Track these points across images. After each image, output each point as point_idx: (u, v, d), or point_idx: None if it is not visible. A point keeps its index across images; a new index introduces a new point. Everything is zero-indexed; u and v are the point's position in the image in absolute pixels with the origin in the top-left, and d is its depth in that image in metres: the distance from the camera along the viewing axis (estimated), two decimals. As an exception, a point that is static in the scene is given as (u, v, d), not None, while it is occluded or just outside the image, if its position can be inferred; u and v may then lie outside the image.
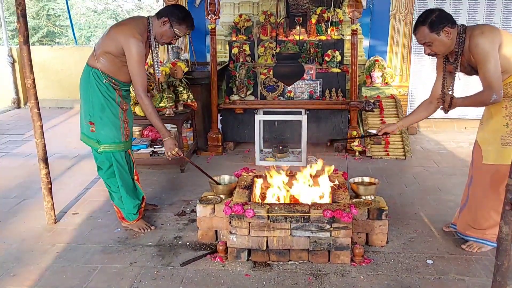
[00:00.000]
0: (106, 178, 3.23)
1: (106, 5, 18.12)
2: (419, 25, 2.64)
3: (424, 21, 2.61)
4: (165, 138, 3.12)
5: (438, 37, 2.60)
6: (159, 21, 3.03)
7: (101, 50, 3.00)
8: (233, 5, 6.07)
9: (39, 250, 2.98)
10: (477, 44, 2.54)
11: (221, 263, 2.81)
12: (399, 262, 2.82)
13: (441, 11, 2.64)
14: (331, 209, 2.72)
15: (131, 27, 2.97)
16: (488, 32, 2.57)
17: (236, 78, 5.15)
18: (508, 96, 2.66)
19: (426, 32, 2.61)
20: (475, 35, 2.56)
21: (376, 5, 5.94)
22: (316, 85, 5.15)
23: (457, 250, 2.94)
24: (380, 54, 6.01)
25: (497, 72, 2.53)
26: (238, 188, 3.13)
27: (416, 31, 2.66)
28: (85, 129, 3.15)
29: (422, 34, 2.64)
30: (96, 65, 3.02)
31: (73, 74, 7.74)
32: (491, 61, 2.52)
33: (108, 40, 2.98)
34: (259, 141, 4.77)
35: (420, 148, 5.24)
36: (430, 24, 2.59)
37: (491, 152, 2.74)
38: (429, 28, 2.60)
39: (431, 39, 2.62)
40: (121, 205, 3.24)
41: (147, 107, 3.04)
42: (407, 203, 3.73)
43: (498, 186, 2.74)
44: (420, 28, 2.63)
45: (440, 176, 4.34)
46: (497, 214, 2.75)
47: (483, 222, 2.86)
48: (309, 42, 5.41)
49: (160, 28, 3.04)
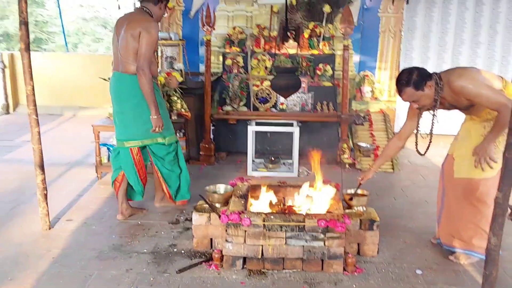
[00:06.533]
0: (171, 167, 3.68)
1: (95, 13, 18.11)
2: (403, 87, 2.75)
3: (408, 82, 2.72)
4: (155, 115, 3.36)
5: (424, 92, 2.74)
6: (157, 6, 3.43)
7: (132, 54, 3.31)
8: (227, 18, 6.19)
9: (35, 255, 2.99)
10: (462, 86, 2.68)
11: (217, 270, 2.85)
12: (389, 272, 2.90)
13: (418, 69, 2.78)
14: (325, 219, 2.79)
15: (144, 17, 3.35)
16: (464, 71, 2.80)
17: (230, 89, 5.24)
18: (488, 120, 2.82)
19: (412, 92, 2.74)
20: (454, 80, 2.71)
21: (367, 22, 6.12)
22: (308, 98, 5.26)
23: (445, 261, 3.04)
24: (370, 70, 6.19)
25: (493, 91, 2.65)
26: (234, 197, 3.19)
27: (402, 93, 2.77)
28: (142, 132, 3.48)
29: (408, 95, 2.76)
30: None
31: (64, 80, 7.76)
32: (482, 87, 2.65)
33: (132, 41, 3.28)
34: (252, 151, 4.84)
35: (407, 162, 5.38)
36: (414, 84, 2.71)
37: (464, 167, 2.89)
38: (414, 88, 2.72)
39: (418, 96, 2.75)
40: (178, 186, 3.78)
41: (148, 81, 3.26)
42: (396, 215, 3.83)
43: (470, 198, 2.89)
44: (405, 90, 2.75)
45: (427, 190, 4.45)
46: (474, 224, 2.92)
47: (463, 233, 2.99)
48: (302, 56, 5.53)
49: (160, 11, 3.48)
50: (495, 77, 2.83)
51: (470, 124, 2.96)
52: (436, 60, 6.20)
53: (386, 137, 5.43)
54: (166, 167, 3.69)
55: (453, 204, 3.01)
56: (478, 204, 2.89)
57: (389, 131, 5.51)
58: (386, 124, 5.60)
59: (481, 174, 2.80)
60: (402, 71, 2.81)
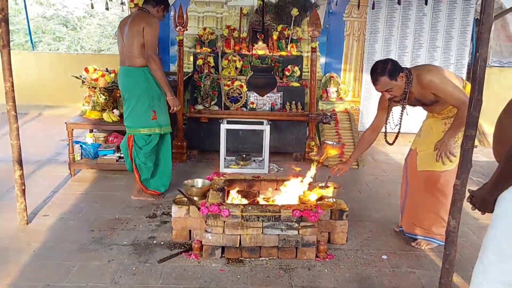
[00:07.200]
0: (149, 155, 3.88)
1: (55, 11, 17.69)
2: (379, 76, 2.95)
3: (383, 71, 2.93)
4: (171, 96, 3.82)
5: (397, 82, 2.96)
6: (155, 9, 3.80)
7: (137, 47, 3.65)
8: (197, 19, 6.30)
9: (15, 249, 3.04)
10: (430, 80, 2.94)
11: (196, 260, 2.99)
12: (358, 257, 3.13)
13: (392, 60, 3.01)
14: (299, 209, 2.99)
15: (146, 14, 3.74)
16: (433, 67, 3.08)
17: (201, 89, 5.36)
18: (448, 118, 3.10)
19: (387, 81, 2.95)
20: (424, 74, 2.96)
21: (332, 26, 6.39)
22: (277, 98, 5.46)
23: (407, 247, 3.31)
24: (335, 71, 6.45)
25: (456, 88, 2.92)
26: (212, 191, 3.33)
27: (377, 82, 2.97)
28: (143, 122, 3.78)
29: (383, 83, 2.96)
30: (142, 63, 3.70)
31: (30, 79, 7.63)
32: (448, 84, 2.93)
33: (138, 36, 3.62)
34: (224, 149, 4.98)
35: (371, 159, 5.66)
36: (389, 73, 2.93)
37: (426, 160, 3.16)
38: (388, 77, 2.93)
39: (392, 85, 2.97)
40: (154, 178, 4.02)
41: (158, 66, 3.68)
42: (362, 207, 4.08)
43: (432, 189, 3.18)
44: (380, 79, 2.95)
45: (390, 184, 4.74)
46: (434, 214, 3.20)
47: (424, 221, 3.27)
48: (271, 57, 5.72)
49: (158, 14, 3.82)
50: (457, 77, 3.12)
51: (431, 121, 3.23)
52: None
53: (351, 135, 5.71)
54: (140, 158, 3.89)
55: (415, 195, 3.27)
56: (438, 194, 3.16)
57: (354, 129, 5.79)
58: (351, 123, 5.88)
59: (441, 167, 3.07)
60: (377, 62, 3.01)
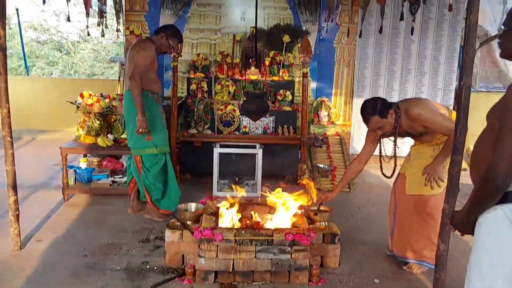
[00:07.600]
0: (157, 176, 4.00)
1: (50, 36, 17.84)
2: (370, 116, 3.08)
3: (374, 111, 3.06)
4: (140, 117, 3.75)
5: (387, 120, 3.09)
6: (157, 36, 3.94)
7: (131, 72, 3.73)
8: (191, 45, 6.43)
9: (8, 274, 3.03)
10: (419, 113, 3.05)
11: (189, 285, 3.00)
12: (350, 281, 3.16)
13: (380, 99, 3.14)
14: (292, 233, 3.02)
15: (143, 40, 4.02)
16: (419, 101, 3.19)
17: (195, 113, 5.43)
18: (437, 144, 3.20)
19: (378, 120, 3.07)
20: (412, 109, 3.07)
21: (323, 52, 6.54)
22: (269, 122, 5.54)
23: (399, 271, 3.34)
24: (326, 96, 6.58)
25: (445, 118, 3.03)
26: (205, 215, 3.36)
27: (368, 121, 3.10)
28: (141, 143, 3.90)
29: (375, 122, 3.09)
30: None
31: (24, 104, 7.68)
32: (436, 115, 3.04)
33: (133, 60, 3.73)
34: (217, 172, 5.02)
35: (362, 181, 5.73)
36: (380, 112, 3.06)
37: (415, 184, 3.23)
38: (379, 116, 3.06)
39: (383, 123, 3.09)
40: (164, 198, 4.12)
41: (136, 86, 3.71)
42: (354, 230, 4.12)
43: (421, 212, 3.24)
44: (371, 118, 3.08)
45: (381, 207, 4.79)
46: (425, 237, 3.24)
47: (414, 245, 3.30)
48: (263, 82, 5.83)
49: (160, 41, 3.95)
50: (442, 106, 3.23)
51: (420, 147, 3.31)
52: (386, 87, 6.69)
53: (343, 159, 5.78)
54: (149, 180, 3.98)
55: (405, 218, 3.33)
56: (428, 218, 3.21)
57: (345, 152, 5.87)
58: (342, 146, 5.96)
59: (430, 191, 3.14)
60: (366, 102, 3.13)
